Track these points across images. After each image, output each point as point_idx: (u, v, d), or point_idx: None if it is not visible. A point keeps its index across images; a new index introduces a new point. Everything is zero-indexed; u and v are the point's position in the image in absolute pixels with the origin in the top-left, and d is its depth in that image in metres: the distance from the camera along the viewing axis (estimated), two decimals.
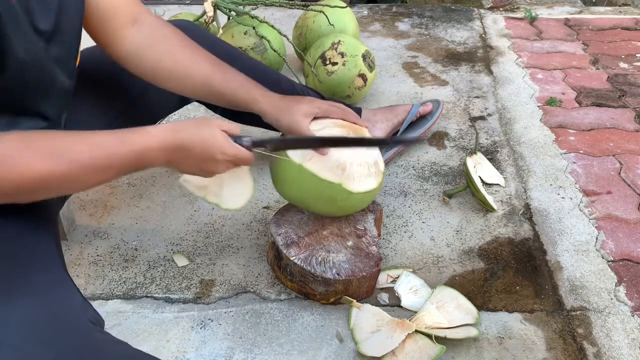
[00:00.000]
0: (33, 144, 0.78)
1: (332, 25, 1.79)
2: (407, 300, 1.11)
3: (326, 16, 1.77)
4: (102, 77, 1.12)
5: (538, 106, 1.76)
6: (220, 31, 1.84)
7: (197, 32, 1.27)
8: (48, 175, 0.77)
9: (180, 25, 1.28)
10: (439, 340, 1.02)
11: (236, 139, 0.95)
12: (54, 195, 0.84)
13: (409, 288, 1.13)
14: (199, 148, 0.89)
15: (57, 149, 0.80)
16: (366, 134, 1.15)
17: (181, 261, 1.23)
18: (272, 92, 1.13)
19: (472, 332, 1.05)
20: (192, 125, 0.90)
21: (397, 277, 1.15)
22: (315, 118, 1.11)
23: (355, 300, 1.09)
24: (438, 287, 1.13)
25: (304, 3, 1.88)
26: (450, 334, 1.03)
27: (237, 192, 1.03)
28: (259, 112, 1.12)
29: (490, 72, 1.99)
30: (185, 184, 1.01)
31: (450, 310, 1.09)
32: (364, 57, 1.69)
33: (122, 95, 1.17)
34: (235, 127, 0.96)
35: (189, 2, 2.64)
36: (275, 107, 1.11)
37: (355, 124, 1.14)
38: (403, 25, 2.39)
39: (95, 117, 1.12)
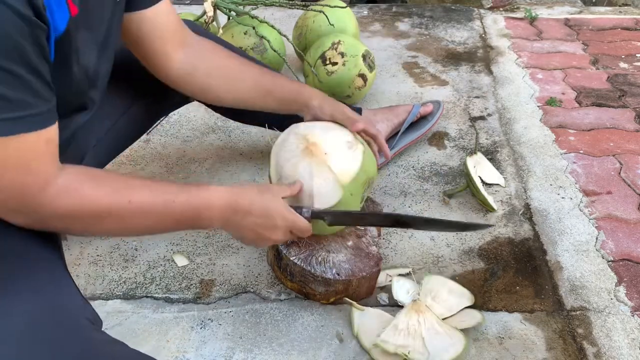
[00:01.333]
0: (96, 178, 0.81)
1: (332, 25, 1.79)
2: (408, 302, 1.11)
3: (326, 16, 1.77)
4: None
5: (538, 106, 1.76)
6: (220, 31, 1.84)
7: (198, 32, 1.27)
8: (107, 208, 0.79)
9: None
10: None
11: (295, 208, 0.96)
12: (106, 232, 0.86)
13: (406, 291, 1.13)
14: (259, 212, 0.90)
15: (119, 185, 0.82)
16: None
17: (181, 261, 1.23)
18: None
19: (477, 316, 1.06)
20: (254, 190, 0.92)
21: (391, 280, 1.15)
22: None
23: (355, 302, 1.08)
24: (425, 278, 1.13)
25: (304, 3, 1.88)
26: (458, 324, 1.04)
27: (445, 345, 1.00)
28: (306, 100, 1.14)
29: (490, 72, 1.99)
30: (384, 345, 0.99)
31: (445, 298, 1.10)
32: (364, 57, 1.69)
33: (126, 94, 1.18)
34: (295, 188, 0.98)
35: (189, 2, 2.64)
36: (322, 97, 1.15)
37: (363, 132, 1.14)
38: (403, 25, 2.39)
39: (101, 115, 1.13)
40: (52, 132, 0.74)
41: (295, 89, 1.16)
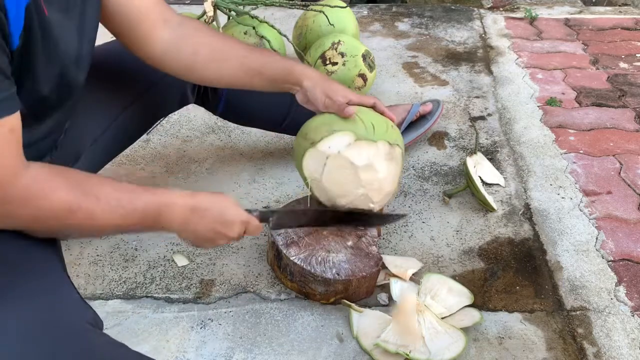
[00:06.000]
0: (63, 174, 0.80)
1: (332, 25, 1.79)
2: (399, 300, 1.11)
3: (326, 16, 1.77)
4: (105, 75, 1.12)
5: (538, 106, 1.76)
6: (220, 31, 1.84)
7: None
8: (75, 204, 0.79)
9: None
10: None
11: (246, 209, 0.99)
12: (73, 231, 0.85)
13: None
14: (216, 210, 0.94)
15: (85, 183, 0.82)
16: (395, 128, 1.16)
17: (181, 261, 1.23)
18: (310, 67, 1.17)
19: (475, 316, 1.06)
20: (208, 193, 0.96)
21: (391, 280, 1.14)
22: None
23: (354, 304, 1.08)
24: (425, 276, 1.13)
25: (304, 3, 1.88)
26: (457, 324, 1.04)
27: (446, 343, 1.01)
28: (297, 81, 1.12)
29: (490, 72, 1.99)
30: (385, 345, 0.99)
31: (444, 297, 1.10)
32: (364, 57, 1.69)
33: (125, 93, 1.18)
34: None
35: (189, 2, 2.64)
36: (315, 78, 1.12)
37: (383, 113, 1.15)
38: (403, 25, 2.39)
39: (98, 114, 1.13)
40: (15, 121, 0.73)
41: (286, 68, 1.12)
